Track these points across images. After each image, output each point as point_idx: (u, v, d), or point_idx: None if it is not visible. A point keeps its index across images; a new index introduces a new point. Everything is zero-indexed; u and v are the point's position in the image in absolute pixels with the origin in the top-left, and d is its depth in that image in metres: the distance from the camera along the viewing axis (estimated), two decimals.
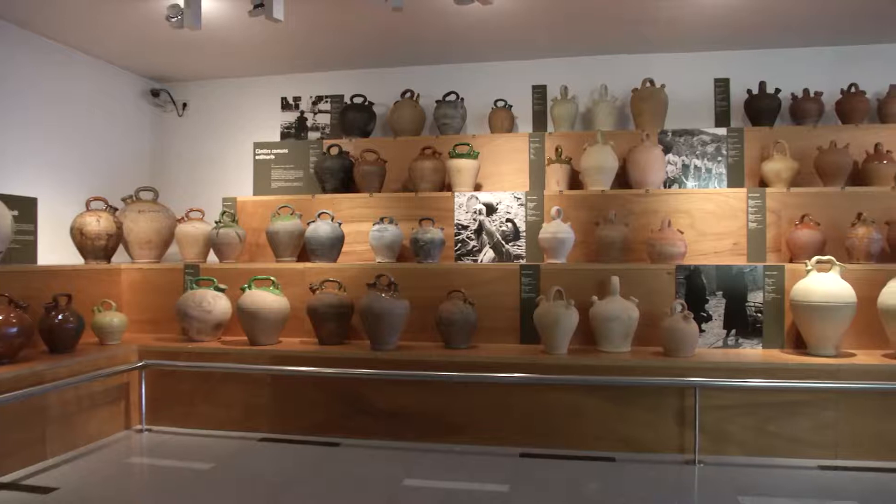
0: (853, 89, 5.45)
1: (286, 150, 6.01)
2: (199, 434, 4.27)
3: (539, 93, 6.03)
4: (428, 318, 4.48)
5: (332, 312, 4.52)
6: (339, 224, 5.12)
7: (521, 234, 5.15)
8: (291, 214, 5.18)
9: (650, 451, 3.85)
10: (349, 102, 6.11)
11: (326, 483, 3.46)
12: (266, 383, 4.30)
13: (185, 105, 6.74)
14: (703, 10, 4.98)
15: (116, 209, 5.06)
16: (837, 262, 4.14)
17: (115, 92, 6.25)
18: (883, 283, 4.07)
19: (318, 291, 4.59)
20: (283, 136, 6.48)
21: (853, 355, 4.08)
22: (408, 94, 5.96)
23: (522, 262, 5.10)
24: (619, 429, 3.90)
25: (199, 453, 3.91)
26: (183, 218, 5.37)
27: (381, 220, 5.09)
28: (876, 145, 5.07)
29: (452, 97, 5.91)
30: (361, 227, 5.28)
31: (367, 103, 6.07)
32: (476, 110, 6.04)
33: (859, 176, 5.11)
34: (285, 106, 6.51)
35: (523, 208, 5.16)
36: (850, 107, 5.42)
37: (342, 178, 5.64)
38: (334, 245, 5.06)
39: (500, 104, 5.89)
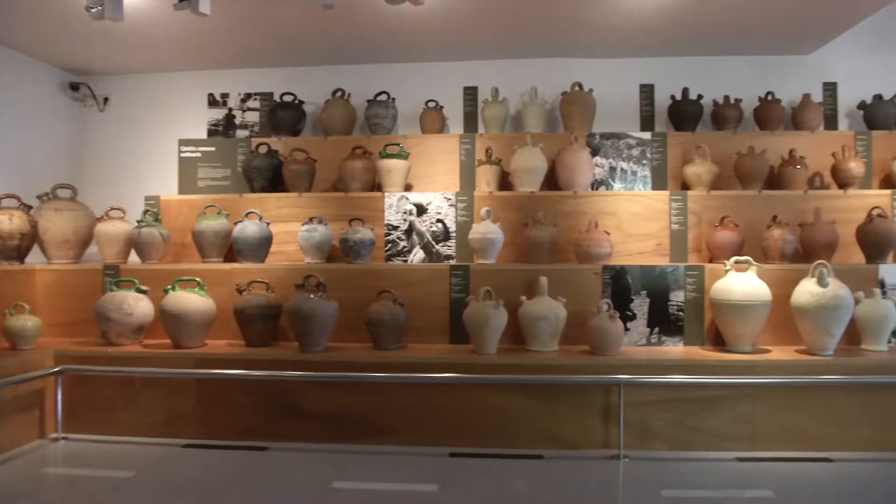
0: (770, 97, 5.68)
1: (213, 148, 5.88)
2: (119, 441, 4.12)
3: (470, 94, 6.08)
4: (357, 318, 4.44)
5: (260, 314, 4.44)
6: (268, 224, 5.03)
7: (451, 235, 5.17)
8: (218, 214, 5.06)
9: (577, 448, 3.92)
10: (279, 100, 6.01)
11: (253, 488, 3.39)
12: (190, 387, 4.18)
13: (106, 99, 6.50)
14: (629, 18, 5.10)
15: (31, 207, 4.84)
16: (754, 263, 4.31)
17: (30, 84, 5.96)
18: (796, 282, 4.26)
19: (245, 292, 4.50)
20: (211, 133, 6.32)
21: (768, 351, 4.26)
22: (339, 93, 5.91)
23: (452, 262, 5.12)
24: (547, 426, 3.96)
25: (119, 461, 3.77)
26: (103, 217, 5.18)
27: (311, 220, 5.02)
28: (790, 151, 5.30)
29: (384, 97, 5.89)
30: (290, 227, 5.20)
31: (297, 102, 5.99)
32: (407, 111, 6.03)
33: (775, 180, 5.33)
34: (212, 102, 6.36)
35: (453, 209, 5.18)
36: (767, 114, 5.65)
37: (271, 178, 5.55)
38: (262, 245, 4.97)
39: (432, 105, 5.90)
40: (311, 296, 4.29)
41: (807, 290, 4.14)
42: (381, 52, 5.90)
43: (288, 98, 5.97)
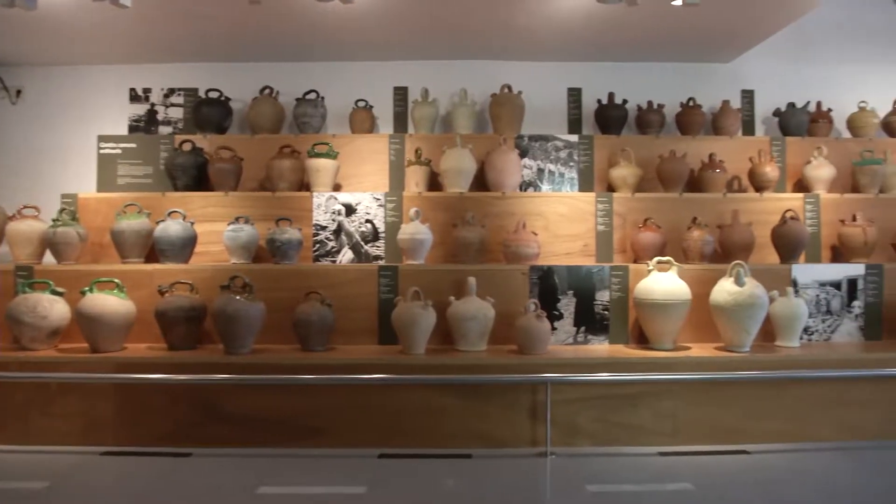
0: (691, 103, 5.87)
1: (134, 145, 5.67)
2: (33, 451, 3.92)
3: (400, 94, 6.06)
4: (285, 320, 4.38)
5: (183, 316, 4.31)
6: (192, 223, 4.90)
7: (380, 235, 5.15)
8: (139, 213, 4.89)
9: (505, 447, 3.95)
10: (204, 97, 5.85)
11: (174, 496, 3.29)
12: (109, 393, 4.02)
13: (18, 92, 6.19)
14: (558, 24, 5.17)
15: None
16: (675, 263, 4.44)
17: None
18: (714, 281, 4.41)
19: (167, 294, 4.37)
20: (132, 129, 6.09)
21: (689, 348, 4.40)
22: (267, 91, 5.79)
23: (381, 262, 5.09)
24: (476, 426, 3.98)
25: (32, 472, 3.60)
26: (15, 215, 4.93)
27: (237, 219, 4.92)
28: (710, 155, 5.48)
29: (313, 95, 5.81)
30: (216, 227, 5.08)
31: (223, 98, 5.84)
32: (337, 110, 5.97)
33: (695, 183, 5.50)
34: (134, 98, 6.14)
35: (383, 209, 5.16)
36: (689, 119, 5.83)
37: (195, 176, 5.40)
38: (186, 245, 4.83)
39: (361, 104, 5.86)
40: (237, 297, 4.20)
41: (725, 290, 4.30)
42: (311, 50, 5.82)
43: (214, 94, 5.82)
